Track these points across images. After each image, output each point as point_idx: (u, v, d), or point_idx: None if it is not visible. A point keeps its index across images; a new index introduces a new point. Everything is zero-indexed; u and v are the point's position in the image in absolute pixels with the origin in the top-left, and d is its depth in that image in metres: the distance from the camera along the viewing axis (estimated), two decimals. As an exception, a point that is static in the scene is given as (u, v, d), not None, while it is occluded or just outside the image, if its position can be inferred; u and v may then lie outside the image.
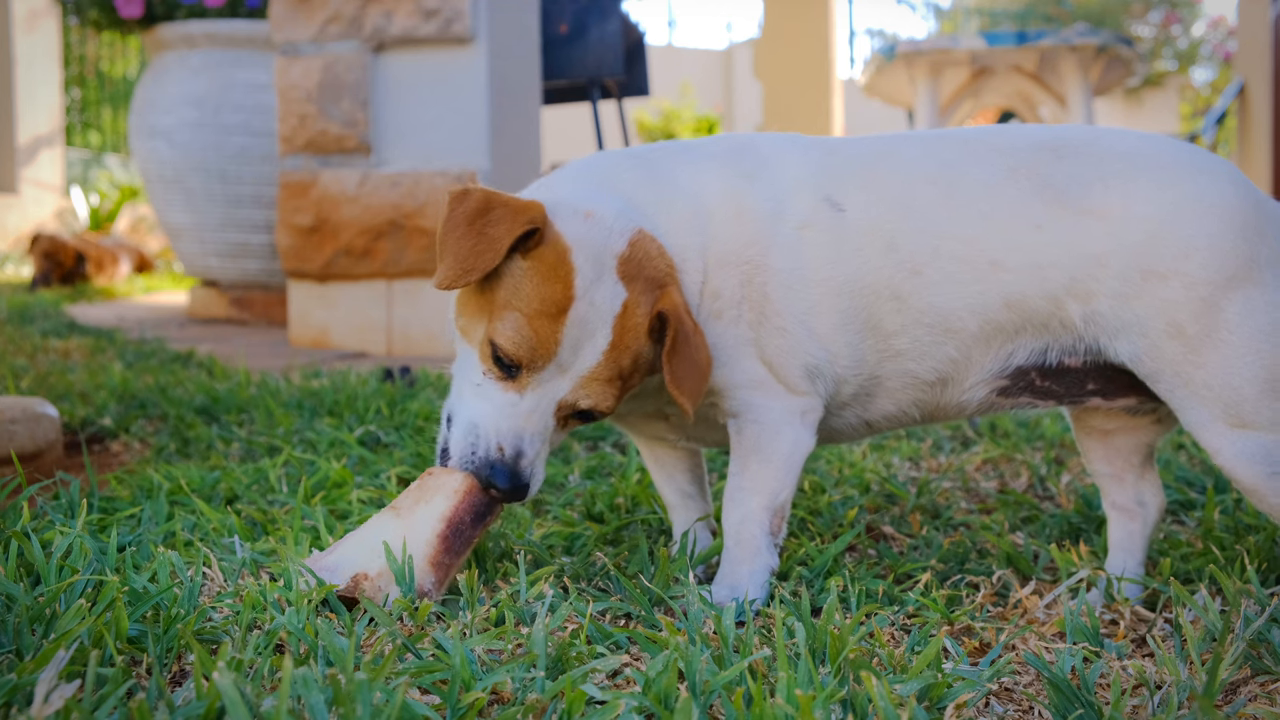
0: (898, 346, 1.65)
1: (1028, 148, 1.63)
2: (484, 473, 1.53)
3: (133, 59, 14.63)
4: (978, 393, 1.67)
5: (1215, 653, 1.26)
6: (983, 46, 7.13)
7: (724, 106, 18.13)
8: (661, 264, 1.57)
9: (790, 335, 1.63)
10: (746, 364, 1.65)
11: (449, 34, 4.72)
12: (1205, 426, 1.53)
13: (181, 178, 5.87)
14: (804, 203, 1.64)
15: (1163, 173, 1.56)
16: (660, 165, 1.70)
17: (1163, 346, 1.52)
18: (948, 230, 1.61)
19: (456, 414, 1.58)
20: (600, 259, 1.52)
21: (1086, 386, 1.65)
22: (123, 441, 2.76)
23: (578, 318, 1.50)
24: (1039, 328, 1.60)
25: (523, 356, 1.50)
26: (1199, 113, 15.32)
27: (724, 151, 1.71)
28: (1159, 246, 1.52)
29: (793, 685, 1.17)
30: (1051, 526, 2.06)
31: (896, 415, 1.73)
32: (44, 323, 5.53)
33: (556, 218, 1.54)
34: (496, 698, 1.26)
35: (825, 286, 1.62)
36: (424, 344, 4.88)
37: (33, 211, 11.65)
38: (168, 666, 1.32)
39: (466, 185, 1.56)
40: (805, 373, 1.65)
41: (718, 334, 1.64)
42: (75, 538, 1.64)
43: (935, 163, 1.66)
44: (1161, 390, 1.55)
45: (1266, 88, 8.53)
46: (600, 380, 1.54)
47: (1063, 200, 1.57)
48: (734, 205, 1.64)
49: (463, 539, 1.54)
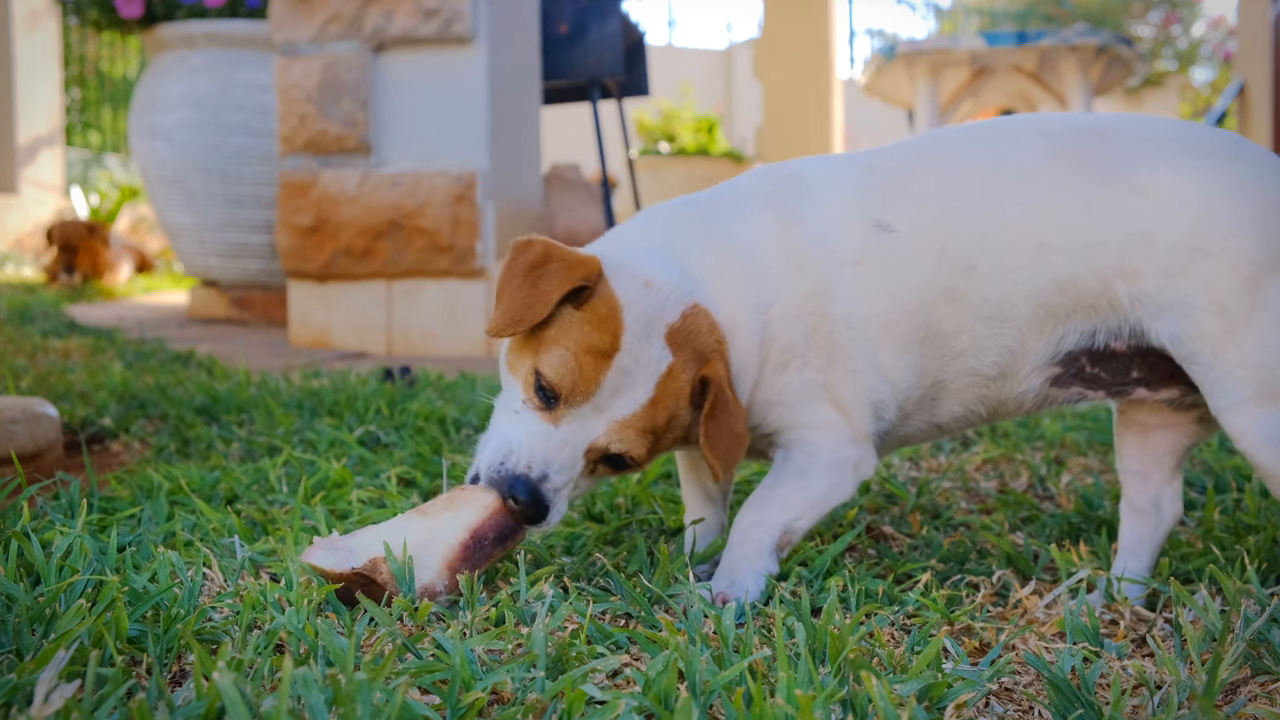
0: (958, 347, 1.67)
1: (1071, 131, 1.66)
2: (506, 483, 1.55)
3: (133, 59, 14.63)
4: (1034, 382, 1.69)
5: (1215, 653, 1.26)
6: (983, 46, 7.13)
7: (724, 106, 18.13)
8: (711, 339, 1.61)
9: (861, 375, 1.68)
10: (816, 407, 1.70)
11: (449, 34, 4.72)
12: (1234, 409, 1.55)
13: (181, 178, 5.87)
14: (856, 235, 1.67)
15: (1210, 155, 1.59)
16: (715, 222, 1.72)
17: (1204, 325, 1.54)
18: (994, 219, 1.63)
19: (491, 436, 1.62)
20: (650, 325, 1.57)
21: (1131, 374, 1.66)
22: (123, 441, 2.76)
23: (621, 366, 1.55)
24: (1088, 309, 1.62)
25: (564, 387, 1.54)
26: (1199, 113, 15.33)
27: (771, 192, 1.74)
28: (1208, 225, 1.55)
29: (793, 685, 1.17)
30: (1051, 526, 2.06)
31: (964, 415, 1.76)
32: (44, 323, 5.53)
33: (615, 279, 1.59)
34: (496, 698, 1.26)
35: (887, 315, 1.66)
36: (424, 344, 4.89)
37: (33, 211, 11.65)
38: (168, 666, 1.32)
39: (531, 236, 1.60)
40: (872, 410, 1.69)
41: (785, 383, 1.68)
42: (75, 538, 1.64)
43: (975, 154, 1.68)
44: (1197, 372, 1.57)
45: (1266, 88, 8.53)
46: (634, 429, 1.58)
47: (1110, 179, 1.59)
48: (792, 260, 1.67)
49: (482, 553, 1.54)
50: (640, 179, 9.98)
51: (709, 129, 11.48)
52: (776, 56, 11.76)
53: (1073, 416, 3.02)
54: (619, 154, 11.31)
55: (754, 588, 1.62)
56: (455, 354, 4.80)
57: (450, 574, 1.53)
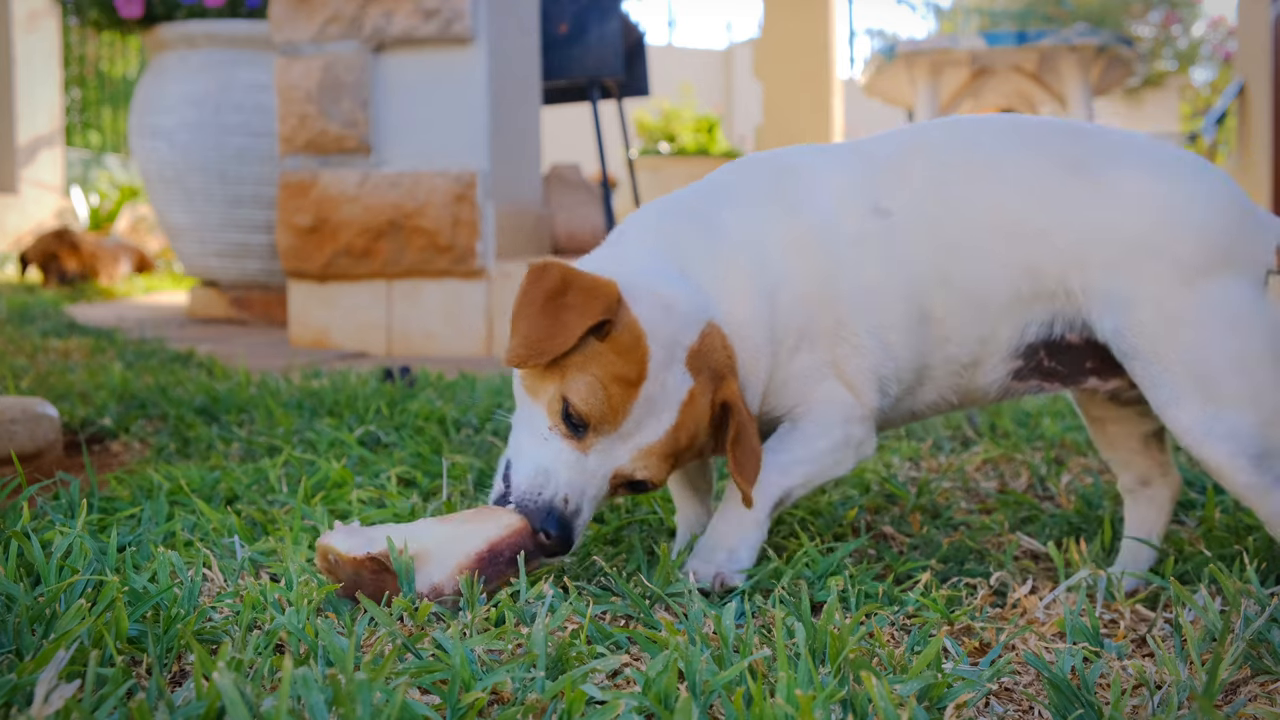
0: (944, 332, 1.72)
1: (1046, 127, 1.75)
2: (540, 515, 1.56)
3: (133, 59, 14.63)
4: (998, 373, 1.75)
5: (1215, 653, 1.26)
6: (983, 46, 7.13)
7: (724, 106, 18.12)
8: (724, 356, 1.64)
9: (867, 351, 1.71)
10: (826, 385, 1.73)
11: (449, 34, 4.72)
12: (1175, 404, 1.61)
13: (181, 178, 5.87)
14: (854, 218, 1.71)
15: (1171, 165, 1.68)
16: (713, 222, 1.74)
17: (1144, 320, 1.61)
18: (978, 202, 1.69)
19: (520, 461, 1.61)
20: (672, 350, 1.59)
21: (1085, 365, 1.73)
22: (123, 441, 2.76)
23: (647, 395, 1.56)
24: (1048, 298, 1.68)
25: (594, 417, 1.55)
26: (1199, 113, 15.31)
27: (766, 185, 1.76)
28: (1160, 226, 1.62)
29: (793, 685, 1.17)
30: (1051, 526, 2.06)
31: (937, 402, 1.81)
32: (44, 323, 5.53)
33: (635, 302, 1.59)
34: (496, 698, 1.26)
35: (889, 294, 1.70)
36: (424, 344, 4.89)
37: (33, 211, 11.65)
38: (168, 666, 1.32)
39: (547, 260, 1.59)
40: (879, 385, 1.73)
41: (798, 364, 1.71)
42: (75, 538, 1.64)
43: (960, 141, 1.75)
44: (1137, 369, 1.63)
45: (1266, 88, 8.53)
46: (657, 455, 1.59)
47: (1079, 171, 1.67)
48: (793, 245, 1.70)
49: (494, 569, 1.54)
50: (640, 179, 9.98)
51: (709, 129, 11.47)
52: (776, 56, 11.75)
53: (1072, 416, 3.02)
54: (619, 154, 11.31)
55: (749, 559, 1.68)
56: (455, 354, 4.80)
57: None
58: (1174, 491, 1.89)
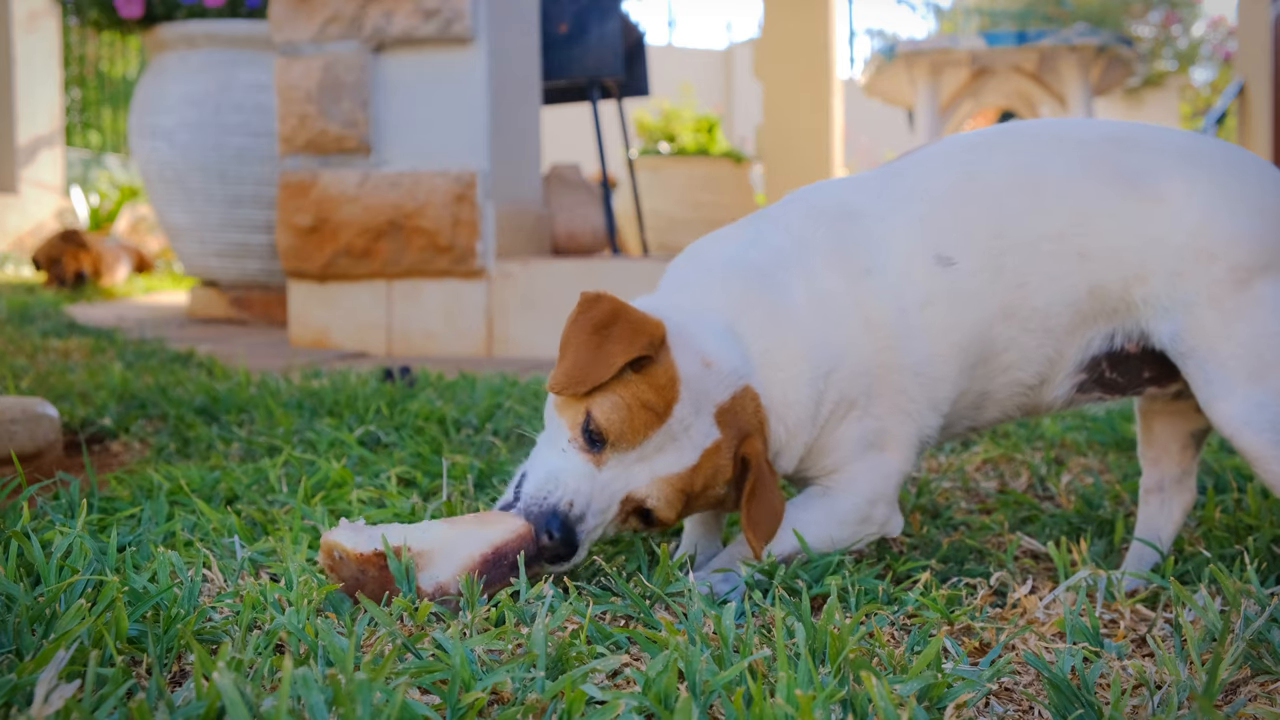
0: (1007, 361, 1.74)
1: (1092, 139, 1.75)
2: (544, 518, 1.57)
3: (133, 59, 14.63)
4: (1064, 388, 1.78)
5: (1215, 653, 1.26)
6: (983, 46, 7.13)
7: (724, 106, 18.12)
8: (754, 418, 1.65)
9: (918, 416, 1.74)
10: (869, 453, 1.74)
11: (449, 34, 4.72)
12: (1223, 397, 1.65)
13: (181, 178, 5.87)
14: (919, 276, 1.71)
15: (1219, 166, 1.70)
16: (777, 289, 1.71)
17: (1202, 321, 1.65)
18: (1042, 232, 1.71)
19: (534, 468, 1.63)
20: (702, 403, 1.61)
21: (1143, 375, 1.77)
22: (123, 441, 2.76)
23: (670, 429, 1.58)
24: (1110, 314, 1.72)
25: (612, 431, 1.57)
26: (1199, 113, 15.32)
27: (830, 242, 1.74)
28: (1218, 234, 1.66)
29: (793, 685, 1.17)
30: (1051, 526, 2.06)
31: (1001, 417, 1.85)
32: (44, 323, 5.53)
33: (677, 350, 1.61)
34: (496, 698, 1.26)
35: (952, 351, 1.72)
36: (424, 344, 4.89)
37: (33, 211, 11.65)
38: (168, 666, 1.32)
39: (600, 292, 1.62)
40: (919, 443, 1.76)
41: (842, 433, 1.72)
42: (75, 538, 1.64)
43: (1017, 168, 1.74)
44: (1192, 367, 1.67)
45: (1266, 88, 8.53)
46: (674, 488, 1.60)
47: (1137, 186, 1.69)
48: (860, 321, 1.70)
49: (496, 572, 1.54)
50: (640, 179, 9.98)
51: (709, 129, 11.46)
52: (776, 56, 11.74)
53: (1073, 416, 3.02)
54: (619, 154, 11.31)
55: (739, 590, 1.66)
56: (455, 354, 4.80)
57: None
58: (1187, 504, 1.92)
